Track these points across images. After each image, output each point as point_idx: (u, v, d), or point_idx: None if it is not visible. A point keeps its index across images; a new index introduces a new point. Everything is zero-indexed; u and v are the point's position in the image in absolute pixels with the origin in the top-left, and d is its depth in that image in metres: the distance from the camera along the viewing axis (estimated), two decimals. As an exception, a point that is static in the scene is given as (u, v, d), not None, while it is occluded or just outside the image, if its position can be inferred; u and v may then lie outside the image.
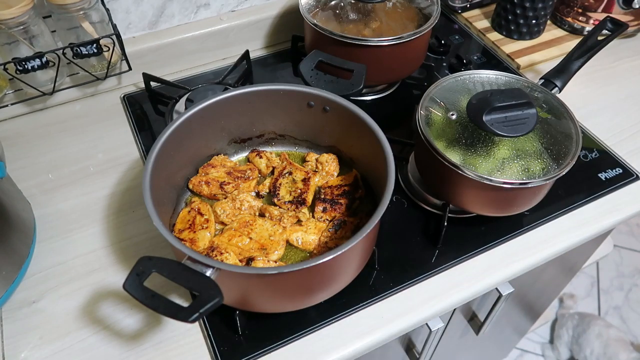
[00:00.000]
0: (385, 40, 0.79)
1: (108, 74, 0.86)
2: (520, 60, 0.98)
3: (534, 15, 0.98)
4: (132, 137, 0.83)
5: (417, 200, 0.74)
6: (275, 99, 0.69)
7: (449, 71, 0.96)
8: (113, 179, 0.77)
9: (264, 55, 1.00)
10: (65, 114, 0.87)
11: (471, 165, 0.63)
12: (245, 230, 0.64)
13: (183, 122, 0.64)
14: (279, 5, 0.99)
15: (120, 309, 0.62)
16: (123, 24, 0.89)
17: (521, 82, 0.72)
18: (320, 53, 0.71)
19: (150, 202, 0.54)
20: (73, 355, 0.59)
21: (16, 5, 0.72)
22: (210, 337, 0.60)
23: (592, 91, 0.93)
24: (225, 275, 0.50)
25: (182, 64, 0.95)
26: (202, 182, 0.68)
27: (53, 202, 0.74)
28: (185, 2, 0.92)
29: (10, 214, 0.63)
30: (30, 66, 0.76)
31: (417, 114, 0.67)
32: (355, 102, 0.66)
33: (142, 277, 0.49)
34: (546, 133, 0.65)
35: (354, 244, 0.51)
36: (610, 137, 0.85)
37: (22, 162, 0.78)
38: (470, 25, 1.07)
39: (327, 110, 0.68)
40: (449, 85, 0.71)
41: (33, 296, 0.64)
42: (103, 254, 0.68)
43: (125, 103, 0.89)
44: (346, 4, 0.86)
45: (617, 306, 1.86)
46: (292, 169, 0.71)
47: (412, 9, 0.88)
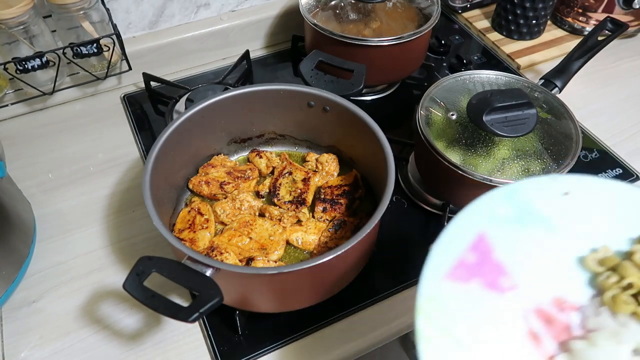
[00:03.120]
0: (385, 40, 0.79)
1: (108, 73, 0.86)
2: (520, 61, 0.98)
3: (534, 15, 0.98)
4: (132, 137, 0.83)
5: (417, 200, 0.74)
6: (275, 99, 0.69)
7: (449, 71, 0.96)
8: (113, 179, 0.77)
9: (264, 55, 1.00)
10: (65, 114, 0.87)
11: (471, 165, 0.63)
12: (245, 230, 0.64)
13: (183, 122, 0.64)
14: (279, 5, 0.99)
15: (120, 308, 0.62)
16: (123, 23, 0.89)
17: (521, 82, 0.72)
18: (320, 53, 0.71)
19: (150, 202, 0.54)
20: (73, 355, 0.59)
21: (16, 5, 0.72)
22: (210, 337, 0.60)
23: (592, 91, 0.93)
24: (225, 275, 0.50)
25: (182, 64, 0.95)
26: (202, 182, 0.68)
27: (53, 202, 0.74)
28: (186, 2, 0.92)
29: (10, 214, 0.63)
30: (30, 66, 0.76)
31: (417, 114, 0.67)
32: (355, 102, 0.66)
33: (142, 277, 0.49)
34: (546, 133, 0.65)
35: (354, 243, 0.51)
36: (610, 137, 0.85)
37: (22, 162, 0.78)
38: (470, 26, 1.07)
39: (327, 110, 0.68)
40: (449, 85, 0.71)
41: (33, 296, 0.64)
42: (103, 254, 0.68)
43: (125, 103, 0.89)
44: (346, 4, 0.86)
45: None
46: (292, 169, 0.71)
47: (412, 9, 0.88)
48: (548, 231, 0.38)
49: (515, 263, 0.37)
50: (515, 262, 0.37)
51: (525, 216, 0.39)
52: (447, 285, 0.35)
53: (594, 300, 0.37)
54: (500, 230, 0.38)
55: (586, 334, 0.35)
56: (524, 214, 0.39)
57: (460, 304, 0.35)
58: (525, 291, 0.36)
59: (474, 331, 0.34)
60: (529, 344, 0.34)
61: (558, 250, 0.38)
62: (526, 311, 0.35)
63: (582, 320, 0.36)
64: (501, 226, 0.38)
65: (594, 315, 0.36)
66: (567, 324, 0.36)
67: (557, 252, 0.38)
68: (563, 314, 0.36)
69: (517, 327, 0.35)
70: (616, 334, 0.34)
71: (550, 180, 0.41)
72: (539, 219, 0.39)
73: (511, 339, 0.34)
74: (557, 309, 0.36)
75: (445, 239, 0.37)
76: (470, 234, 0.38)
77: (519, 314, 0.35)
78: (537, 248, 0.38)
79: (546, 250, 0.38)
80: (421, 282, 0.35)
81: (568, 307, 0.37)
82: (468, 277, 0.36)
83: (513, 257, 0.37)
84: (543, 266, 0.38)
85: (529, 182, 0.40)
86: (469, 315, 0.34)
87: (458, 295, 0.35)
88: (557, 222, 0.39)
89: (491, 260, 0.37)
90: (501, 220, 0.38)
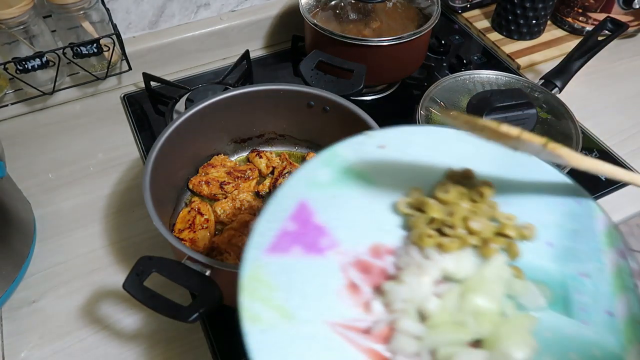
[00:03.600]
0: (385, 40, 0.79)
1: (108, 73, 0.86)
2: (520, 61, 0.98)
3: (534, 15, 0.98)
4: (132, 137, 0.83)
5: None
6: (275, 99, 0.69)
7: (449, 71, 0.96)
8: (113, 179, 0.77)
9: (264, 55, 1.00)
10: (65, 114, 0.87)
11: (471, 165, 0.63)
12: (245, 230, 0.64)
13: (183, 122, 0.64)
14: (279, 5, 0.99)
15: (120, 308, 0.62)
16: (123, 23, 0.89)
17: (521, 82, 0.72)
18: (320, 53, 0.71)
19: (150, 202, 0.54)
20: (73, 355, 0.59)
21: (16, 5, 0.72)
22: (210, 337, 0.60)
23: (592, 91, 0.93)
24: (225, 275, 0.50)
25: (182, 64, 0.95)
26: (202, 182, 0.68)
27: (53, 201, 0.74)
28: (186, 2, 0.92)
29: (10, 214, 0.63)
30: (30, 66, 0.76)
31: (417, 114, 0.67)
32: (355, 102, 0.66)
33: (142, 277, 0.49)
34: (546, 133, 0.65)
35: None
36: (610, 137, 0.85)
37: (22, 162, 0.78)
38: (470, 26, 1.07)
39: (327, 110, 0.68)
40: (449, 85, 0.71)
41: (33, 296, 0.64)
42: (103, 254, 0.68)
43: (125, 103, 0.89)
44: (346, 4, 0.86)
45: (617, 306, 1.86)
46: (292, 169, 0.71)
47: (412, 9, 0.88)
48: (366, 186, 0.39)
49: (336, 223, 0.38)
50: (336, 222, 0.38)
51: (343, 176, 0.40)
52: (269, 260, 0.35)
53: (406, 241, 0.38)
54: (321, 194, 0.38)
55: (397, 273, 0.36)
56: (341, 174, 0.40)
57: (283, 274, 0.35)
58: (344, 247, 0.37)
59: (298, 298, 0.34)
60: (348, 296, 0.35)
61: (375, 202, 0.39)
62: (344, 265, 0.36)
63: (395, 261, 0.37)
64: (321, 190, 0.39)
65: (404, 255, 0.37)
66: (384, 268, 0.36)
67: (374, 205, 0.39)
68: (380, 260, 0.37)
69: (337, 282, 0.35)
70: (419, 267, 0.35)
71: (365, 137, 0.42)
72: (357, 176, 0.40)
73: (332, 295, 0.35)
74: (374, 256, 0.37)
75: (265, 214, 0.37)
76: (291, 203, 0.38)
77: (338, 270, 0.36)
78: (356, 204, 0.39)
79: (365, 205, 0.39)
80: (243, 262, 0.34)
81: (384, 252, 0.37)
82: (289, 246, 0.36)
83: (334, 217, 0.38)
84: (361, 220, 0.38)
85: (345, 143, 0.41)
86: (291, 284, 0.34)
87: (281, 267, 0.35)
88: (373, 176, 0.40)
89: (312, 224, 0.37)
90: (321, 184, 0.39)
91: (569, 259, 0.36)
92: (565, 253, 0.36)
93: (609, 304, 0.33)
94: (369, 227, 0.38)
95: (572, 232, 0.37)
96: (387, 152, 0.41)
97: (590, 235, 0.37)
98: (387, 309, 0.34)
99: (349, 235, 0.37)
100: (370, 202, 0.39)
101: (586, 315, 0.33)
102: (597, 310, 0.33)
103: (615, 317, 0.32)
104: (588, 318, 0.33)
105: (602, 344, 0.31)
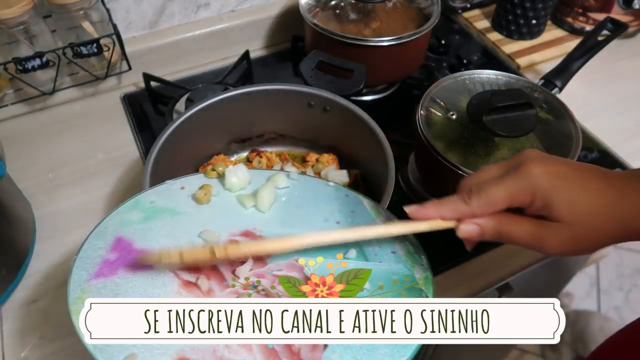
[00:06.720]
0: (385, 40, 0.79)
1: (108, 73, 0.86)
2: (520, 61, 0.98)
3: (534, 15, 0.98)
4: (132, 137, 0.83)
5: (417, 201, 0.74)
6: (275, 99, 0.69)
7: (449, 71, 0.96)
8: (113, 179, 0.77)
9: (264, 55, 1.00)
10: (65, 114, 0.87)
11: (471, 165, 0.63)
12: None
13: (183, 122, 0.64)
14: (279, 5, 0.99)
15: (120, 308, 0.62)
16: (123, 23, 0.89)
17: (521, 82, 0.72)
18: (320, 53, 0.71)
19: (150, 202, 0.55)
20: (73, 355, 0.59)
21: (16, 5, 0.72)
22: (210, 337, 0.60)
23: (592, 91, 0.93)
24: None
25: (182, 64, 0.95)
26: (202, 182, 0.68)
27: (53, 201, 0.74)
28: (186, 1, 0.92)
29: (10, 214, 0.63)
30: (30, 66, 0.76)
31: (417, 114, 0.67)
32: (355, 102, 0.66)
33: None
34: (546, 133, 0.65)
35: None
36: (610, 137, 0.85)
37: (22, 162, 0.78)
38: (470, 26, 1.07)
39: (327, 110, 0.68)
40: (449, 85, 0.71)
41: (33, 296, 0.64)
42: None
43: (125, 103, 0.89)
44: (346, 4, 0.86)
45: (617, 306, 1.86)
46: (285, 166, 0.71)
47: (412, 9, 0.88)
48: (173, 215, 0.50)
49: (156, 244, 0.47)
50: (156, 244, 0.47)
51: (152, 213, 0.50)
52: (94, 284, 0.43)
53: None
54: (134, 229, 0.48)
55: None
56: (150, 212, 0.50)
57: (111, 291, 0.43)
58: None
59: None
60: (186, 292, 0.44)
61: (182, 227, 0.50)
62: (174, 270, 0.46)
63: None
64: (135, 225, 0.48)
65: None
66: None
67: (182, 228, 0.50)
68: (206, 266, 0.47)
69: (173, 284, 0.45)
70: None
71: (166, 185, 0.53)
72: (164, 211, 0.50)
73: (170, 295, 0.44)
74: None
75: (82, 254, 0.45)
76: (108, 239, 0.47)
77: (170, 275, 0.45)
78: (169, 229, 0.49)
79: (175, 228, 0.49)
80: (68, 293, 0.42)
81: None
82: (113, 270, 0.45)
83: (154, 242, 0.47)
84: (175, 239, 0.48)
85: (146, 193, 0.52)
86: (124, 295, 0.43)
87: (107, 287, 0.43)
88: (180, 208, 0.51)
89: (134, 250, 0.46)
90: (133, 222, 0.49)
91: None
92: (351, 225, 0.50)
93: (390, 247, 0.48)
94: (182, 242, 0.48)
95: (351, 212, 0.51)
96: (187, 190, 0.53)
97: (363, 212, 0.51)
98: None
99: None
100: (179, 226, 0.49)
101: (379, 257, 0.47)
102: (385, 252, 0.48)
103: (397, 253, 0.48)
104: (381, 259, 0.47)
105: (395, 271, 0.46)
